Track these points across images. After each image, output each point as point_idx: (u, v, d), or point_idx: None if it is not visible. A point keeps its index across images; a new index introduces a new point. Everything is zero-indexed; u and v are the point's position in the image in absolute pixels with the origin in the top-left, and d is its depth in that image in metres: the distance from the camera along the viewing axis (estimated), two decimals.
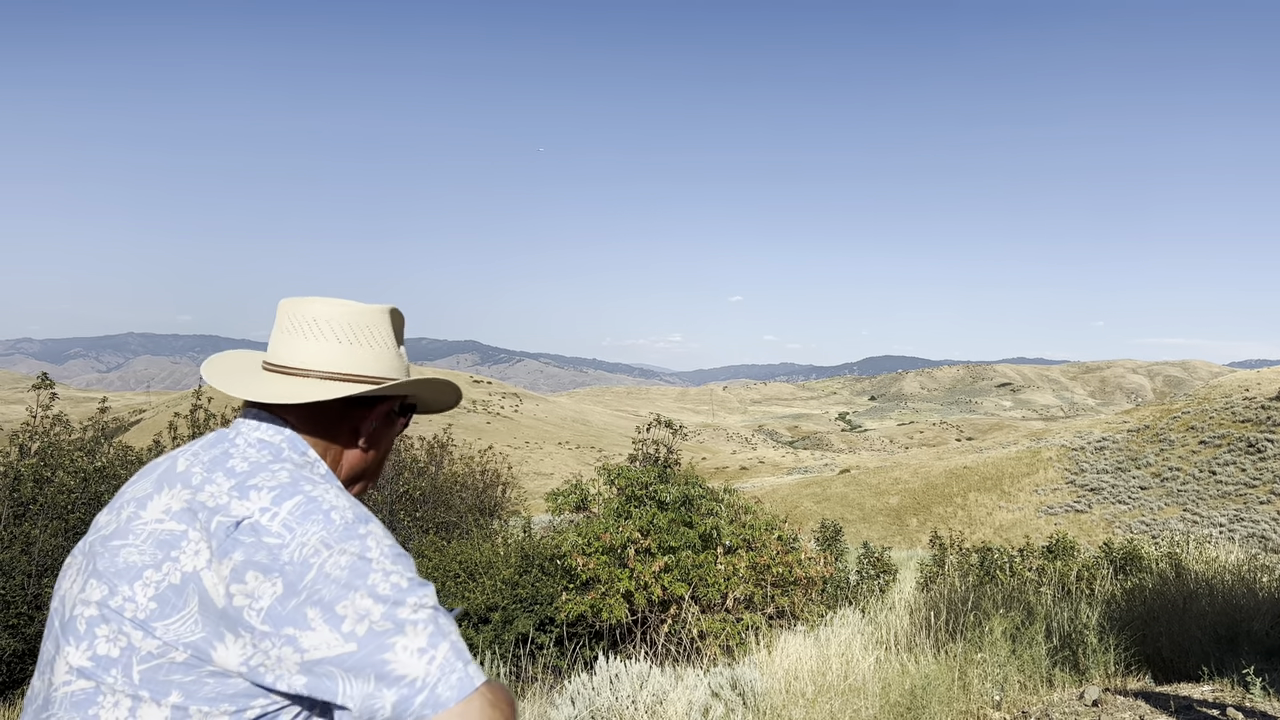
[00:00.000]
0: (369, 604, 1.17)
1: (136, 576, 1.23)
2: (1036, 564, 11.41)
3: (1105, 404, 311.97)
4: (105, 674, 1.20)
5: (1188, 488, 46.94)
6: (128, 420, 68.00)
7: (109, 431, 10.56)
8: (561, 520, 10.39)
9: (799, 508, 50.57)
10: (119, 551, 1.27)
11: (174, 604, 1.20)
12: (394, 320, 1.56)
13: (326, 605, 1.16)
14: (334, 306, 1.50)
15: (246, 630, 1.17)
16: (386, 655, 1.15)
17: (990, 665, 5.12)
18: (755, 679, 5.07)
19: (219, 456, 1.34)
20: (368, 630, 1.16)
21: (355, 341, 1.48)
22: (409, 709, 1.14)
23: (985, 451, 63.08)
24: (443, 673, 1.16)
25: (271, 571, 1.18)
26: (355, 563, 1.20)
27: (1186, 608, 5.80)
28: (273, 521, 1.22)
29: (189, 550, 1.23)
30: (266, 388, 1.42)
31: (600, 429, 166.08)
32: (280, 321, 1.51)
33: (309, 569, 1.18)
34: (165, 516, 1.27)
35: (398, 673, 1.14)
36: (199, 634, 1.18)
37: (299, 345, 1.47)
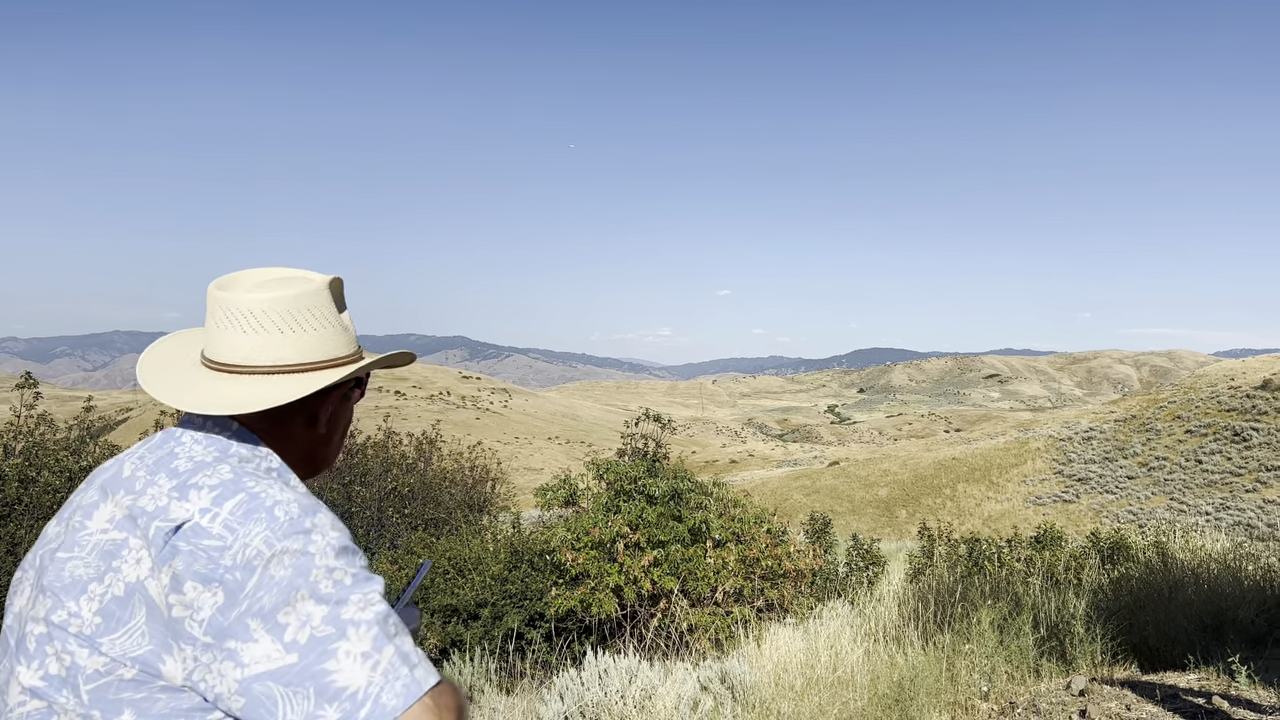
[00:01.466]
0: (310, 606, 1.11)
1: (81, 591, 1.17)
2: (1024, 554, 11.47)
3: (1092, 394, 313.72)
4: (57, 694, 1.14)
5: (1174, 477, 47.24)
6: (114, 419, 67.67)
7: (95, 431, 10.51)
8: (551, 515, 10.38)
9: (788, 500, 50.70)
10: (64, 565, 1.20)
11: (119, 617, 1.14)
12: (334, 291, 1.44)
13: (268, 614, 1.10)
14: (268, 291, 1.37)
15: (189, 643, 1.11)
16: (328, 664, 1.08)
17: (978, 656, 5.14)
18: (744, 672, 5.08)
19: (164, 457, 1.27)
20: (309, 638, 1.09)
21: (298, 328, 1.38)
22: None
23: (973, 443, 63.32)
24: (386, 680, 1.09)
25: (211, 580, 1.11)
26: (298, 560, 1.14)
27: (1173, 597, 5.84)
28: (213, 523, 1.16)
29: (130, 559, 1.16)
30: (210, 395, 1.33)
31: (590, 424, 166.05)
32: (214, 312, 1.38)
33: (251, 573, 1.11)
34: (109, 525, 1.21)
35: (339, 684, 1.07)
36: (146, 647, 1.13)
37: (239, 341, 1.36)
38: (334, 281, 1.45)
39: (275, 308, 1.36)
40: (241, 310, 1.36)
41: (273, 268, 1.47)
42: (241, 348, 1.36)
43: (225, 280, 1.41)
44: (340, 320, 1.44)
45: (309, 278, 1.44)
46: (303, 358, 1.38)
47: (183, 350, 1.47)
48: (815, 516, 20.69)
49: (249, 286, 1.40)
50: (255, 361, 1.35)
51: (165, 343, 1.50)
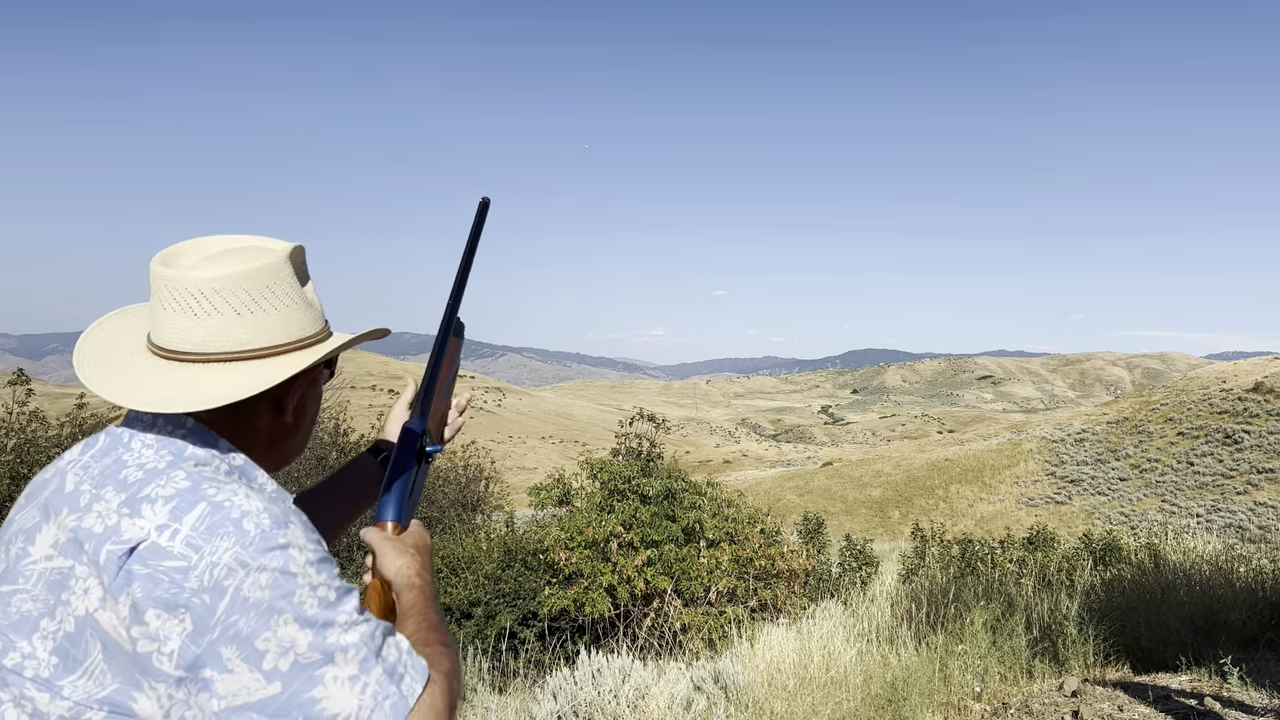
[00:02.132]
0: (294, 632, 1.00)
1: (33, 629, 1.02)
2: (1017, 555, 11.50)
3: (1085, 396, 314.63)
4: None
5: (1166, 479, 47.41)
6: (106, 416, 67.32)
7: (87, 428, 10.46)
8: (544, 515, 10.37)
9: (782, 501, 50.76)
10: (10, 599, 1.05)
11: (75, 657, 1.00)
12: (295, 262, 1.25)
13: (244, 640, 0.99)
14: (220, 267, 1.18)
15: (160, 680, 0.99)
16: (315, 692, 0.99)
17: (971, 657, 5.15)
18: (738, 672, 5.08)
19: (110, 466, 1.10)
20: (292, 665, 0.99)
21: (258, 309, 1.18)
22: None
23: (966, 444, 63.47)
24: (376, 701, 1.02)
25: (176, 607, 0.98)
26: (277, 580, 1.01)
27: (1165, 598, 5.85)
28: (173, 541, 1.01)
29: (78, 589, 1.02)
30: (163, 391, 1.14)
31: (584, 423, 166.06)
32: (158, 291, 1.18)
33: (222, 595, 0.99)
34: (53, 552, 1.05)
35: (329, 712, 0.99)
36: (111, 687, 1.00)
37: (190, 326, 1.16)
38: (295, 250, 1.26)
39: (230, 286, 1.17)
40: (192, 290, 1.16)
41: (223, 236, 1.27)
42: (194, 334, 1.17)
43: (169, 253, 1.21)
44: (304, 295, 1.26)
45: (266, 247, 1.25)
46: (265, 341, 1.19)
47: (127, 332, 1.27)
48: (808, 517, 20.71)
49: (196, 260, 1.20)
50: (211, 349, 1.17)
51: (105, 324, 1.30)
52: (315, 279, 1.34)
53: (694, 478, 9.45)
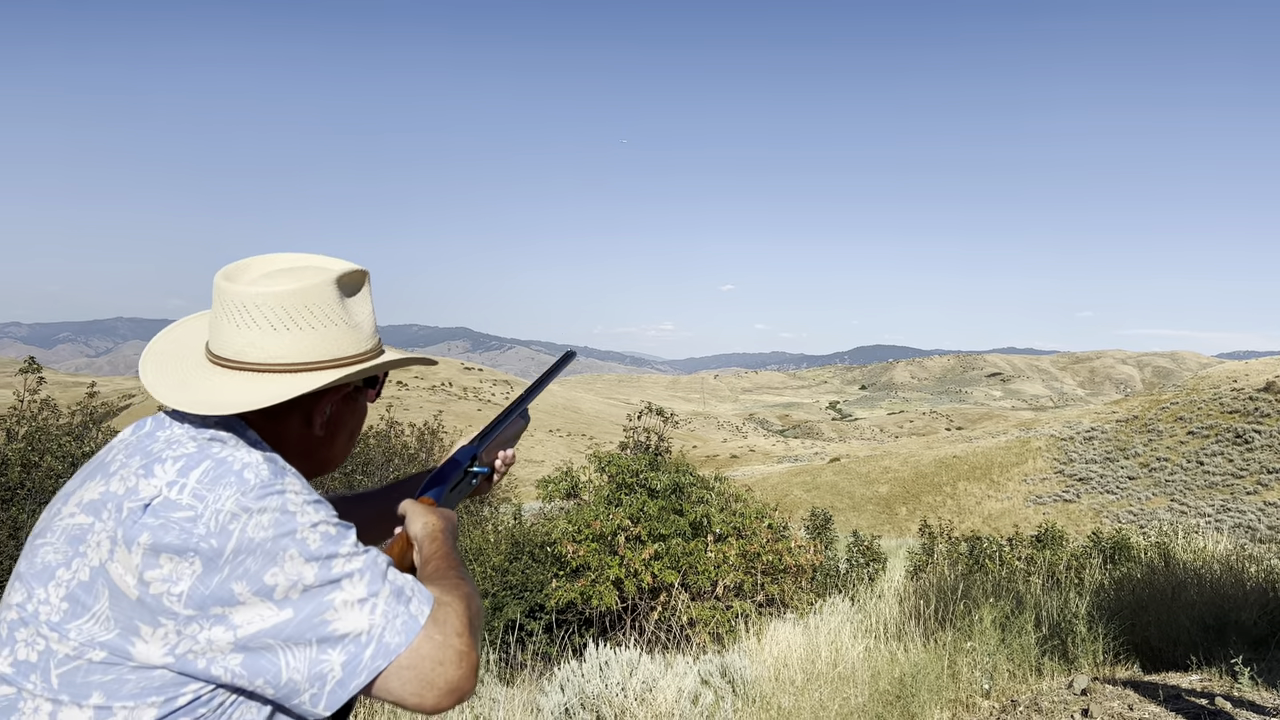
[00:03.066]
0: (300, 565, 1.10)
1: (50, 577, 1.14)
2: (1025, 553, 11.46)
3: (1094, 394, 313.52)
4: (25, 680, 1.11)
5: (1175, 478, 47.22)
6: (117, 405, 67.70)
7: (97, 416, 10.49)
8: (552, 507, 10.38)
9: (789, 496, 50.73)
10: (39, 551, 1.18)
11: (84, 602, 1.10)
12: (345, 285, 1.34)
13: (254, 576, 1.08)
14: (271, 284, 1.28)
15: (169, 618, 1.08)
16: (326, 615, 1.09)
17: (980, 654, 5.13)
18: (745, 666, 5.08)
19: (144, 440, 1.23)
20: (303, 593, 1.09)
21: (293, 326, 1.28)
22: (359, 664, 1.09)
23: (975, 441, 63.31)
24: (387, 620, 1.11)
25: (186, 551, 1.08)
26: (279, 519, 1.11)
27: (1175, 597, 5.82)
28: (181, 494, 1.11)
29: (93, 543, 1.12)
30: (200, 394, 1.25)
31: (591, 417, 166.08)
32: (215, 302, 1.31)
33: (228, 538, 1.08)
34: (78, 510, 1.17)
35: (340, 631, 1.09)
36: (112, 633, 1.09)
37: (232, 335, 1.28)
38: (349, 274, 1.35)
39: (271, 303, 1.27)
40: (238, 303, 1.27)
41: (286, 255, 1.37)
42: (235, 342, 1.28)
43: (233, 269, 1.33)
44: (348, 317, 1.34)
45: (320, 269, 1.34)
46: (296, 357, 1.29)
47: (194, 335, 1.40)
48: (816, 512, 20.69)
49: (253, 277, 1.32)
50: (246, 358, 1.28)
51: (183, 325, 1.44)
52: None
53: (701, 472, 9.44)
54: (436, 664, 1.11)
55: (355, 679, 1.09)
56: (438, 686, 1.11)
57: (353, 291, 1.36)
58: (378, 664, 1.09)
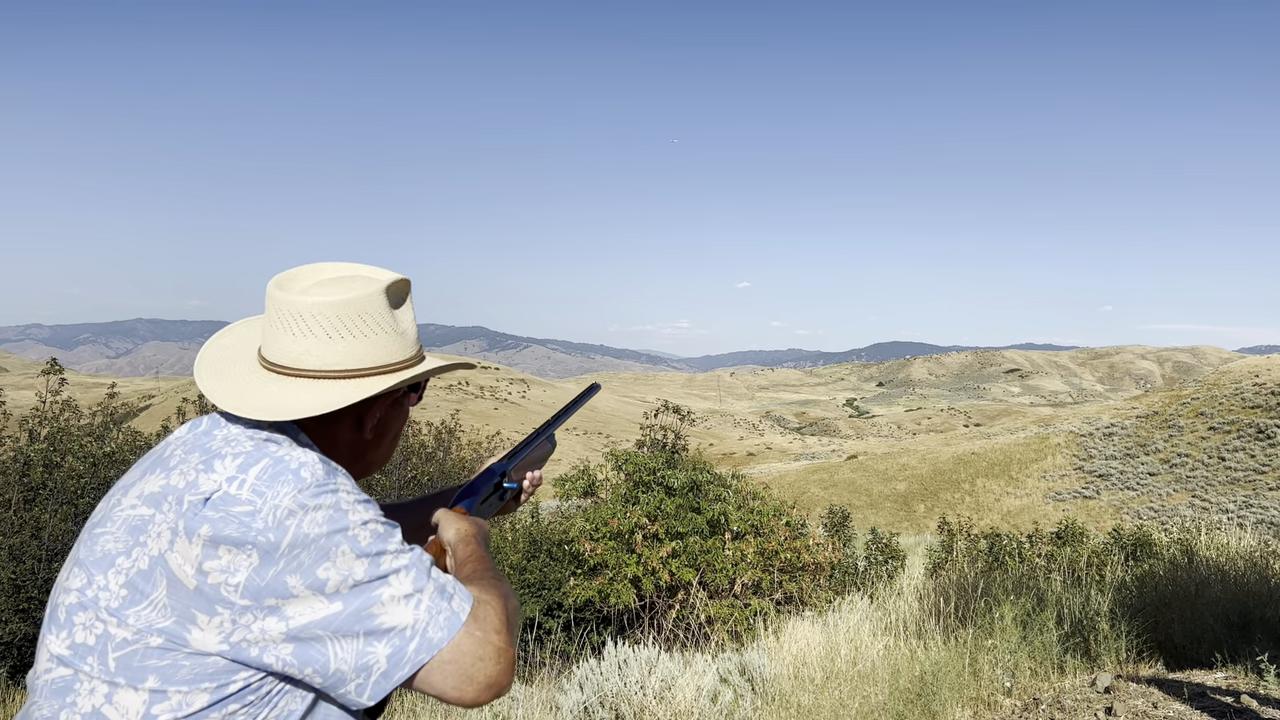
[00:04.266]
0: (350, 561, 1.16)
1: (110, 564, 1.19)
2: (1045, 550, 11.38)
3: (1114, 390, 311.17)
4: (82, 662, 1.17)
5: (1197, 474, 46.82)
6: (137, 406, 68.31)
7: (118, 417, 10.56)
8: (569, 505, 10.38)
9: (806, 494, 50.60)
10: (99, 539, 1.23)
11: (142, 590, 1.16)
12: (392, 294, 1.41)
13: (307, 570, 1.14)
14: (323, 294, 1.35)
15: (225, 607, 1.13)
16: (374, 609, 1.16)
17: (1001, 651, 5.09)
18: (764, 665, 5.06)
19: (202, 438, 1.30)
20: (353, 587, 1.15)
21: (347, 334, 1.35)
22: (403, 657, 1.15)
23: (993, 438, 62.98)
24: (431, 615, 1.17)
25: (245, 544, 1.14)
26: (332, 516, 1.18)
27: (1199, 594, 5.77)
28: (240, 489, 1.18)
29: (154, 534, 1.18)
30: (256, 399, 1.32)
31: (607, 415, 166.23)
32: (269, 311, 1.37)
33: (285, 533, 1.15)
34: (138, 502, 1.23)
35: (387, 624, 1.16)
36: (169, 620, 1.14)
37: (288, 343, 1.35)
38: (396, 283, 1.42)
39: (326, 312, 1.34)
40: (293, 312, 1.34)
41: (332, 264, 1.45)
42: (291, 350, 1.35)
43: (284, 278, 1.40)
44: (396, 325, 1.41)
45: (369, 279, 1.41)
46: (350, 364, 1.36)
47: (243, 342, 1.47)
48: (834, 510, 20.63)
49: (304, 286, 1.39)
50: (302, 365, 1.35)
51: (231, 331, 1.51)
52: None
53: (718, 470, 9.42)
54: (477, 659, 1.18)
55: (399, 671, 1.16)
56: (478, 681, 1.18)
57: (399, 301, 1.43)
58: (421, 657, 1.16)
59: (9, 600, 7.15)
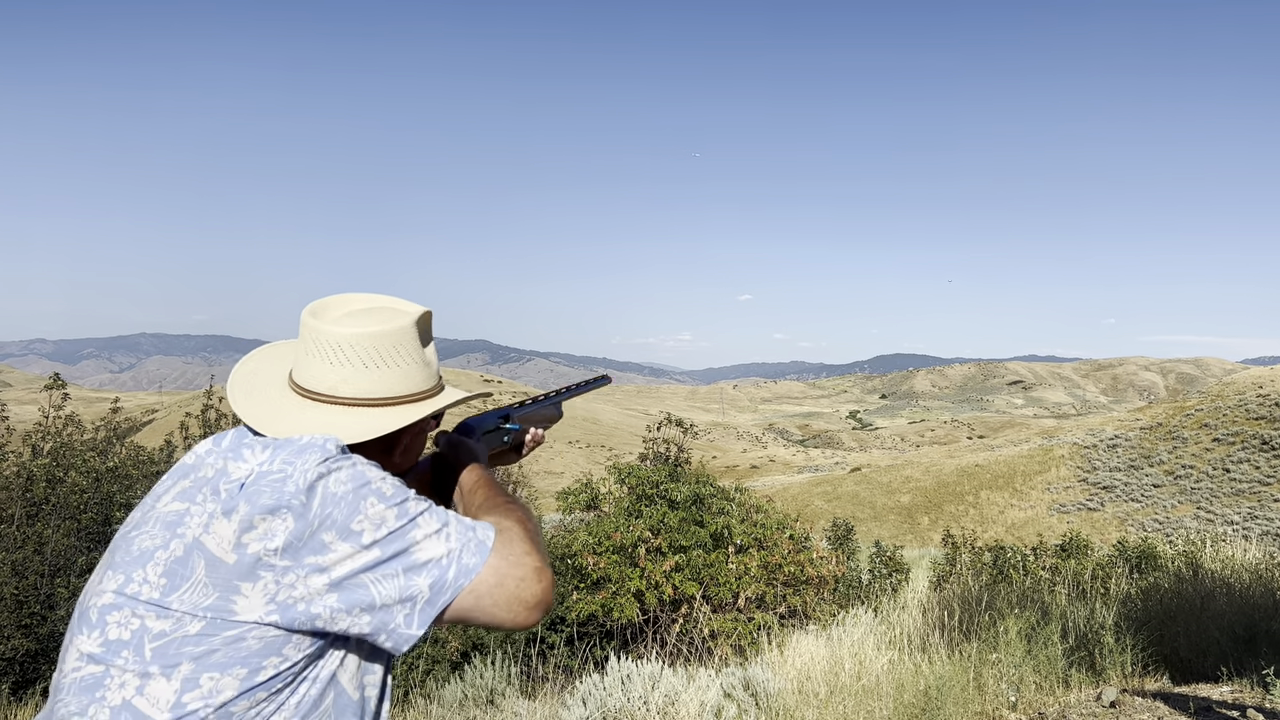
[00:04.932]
0: (380, 509, 1.25)
1: (149, 559, 1.25)
2: (1050, 563, 11.35)
3: (1118, 401, 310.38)
4: (116, 656, 1.21)
5: (1201, 485, 46.65)
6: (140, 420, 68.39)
7: (121, 432, 10.59)
8: (572, 519, 10.36)
9: (810, 506, 50.46)
10: (134, 541, 1.30)
11: (181, 574, 1.22)
12: (420, 328, 1.51)
13: (340, 525, 1.23)
14: (358, 325, 1.44)
15: (267, 570, 1.21)
16: (410, 548, 1.25)
17: (1005, 665, 5.07)
18: (768, 679, 5.04)
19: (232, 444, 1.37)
20: (386, 534, 1.24)
21: (383, 365, 1.44)
22: (444, 584, 1.25)
23: (997, 450, 62.82)
24: (461, 544, 1.27)
25: (279, 509, 1.22)
26: (354, 473, 1.27)
27: (1204, 607, 5.74)
28: (272, 464, 1.27)
29: (189, 524, 1.25)
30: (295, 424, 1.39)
31: (610, 428, 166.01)
32: (305, 339, 1.45)
33: (314, 494, 1.23)
34: (171, 500, 1.31)
35: (423, 558, 1.25)
36: (212, 597, 1.20)
37: (325, 371, 1.43)
38: (423, 316, 1.50)
39: (364, 343, 1.42)
40: (331, 342, 1.42)
41: (364, 295, 1.53)
42: (328, 378, 1.43)
43: (317, 307, 1.48)
44: (424, 356, 1.50)
45: (399, 311, 1.50)
46: (385, 392, 1.44)
47: (269, 366, 1.54)
48: (837, 523, 20.58)
49: (339, 316, 1.47)
50: (339, 393, 1.43)
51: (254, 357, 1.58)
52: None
53: (721, 482, 9.40)
54: (519, 581, 1.27)
55: (441, 596, 1.25)
56: (526, 601, 1.27)
57: (426, 332, 1.53)
58: (461, 581, 1.25)
59: (11, 616, 7.14)
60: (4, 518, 7.78)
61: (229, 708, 1.19)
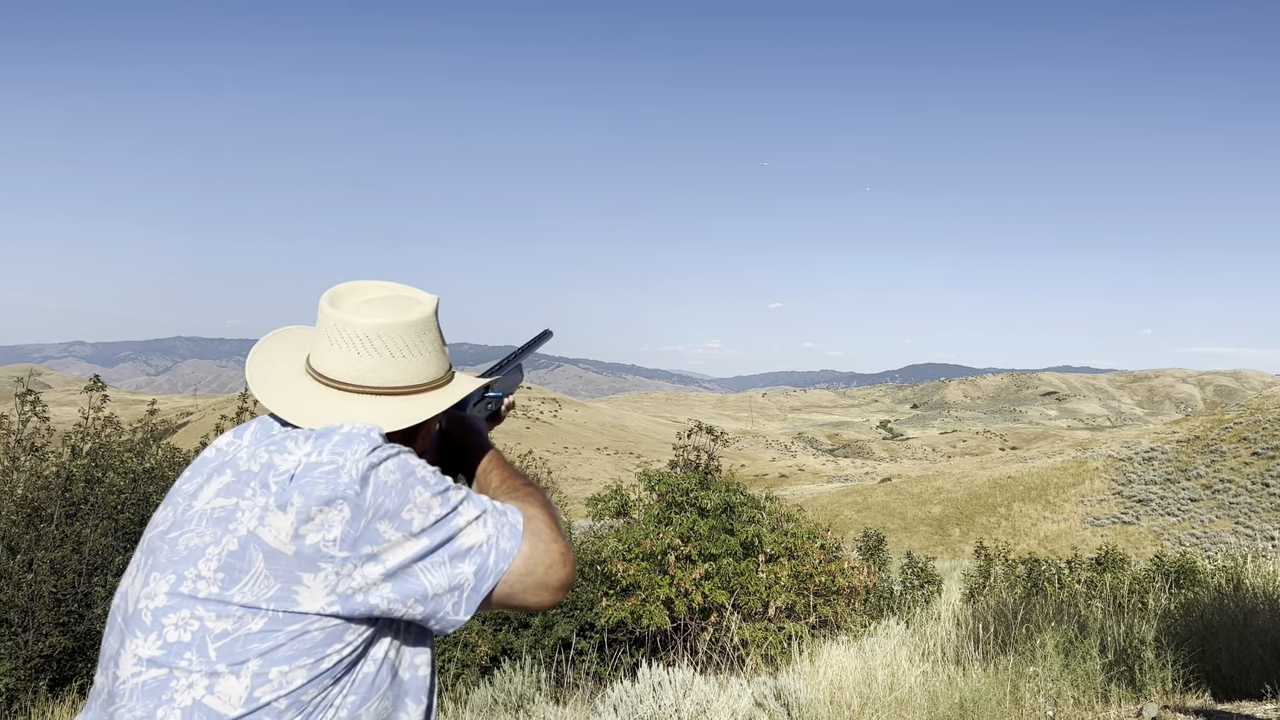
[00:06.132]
0: (426, 498, 1.29)
1: (199, 556, 1.25)
2: (1085, 576, 11.19)
3: (1154, 414, 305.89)
4: (178, 659, 1.21)
5: (1240, 500, 45.82)
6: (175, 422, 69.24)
7: (157, 433, 10.72)
8: (602, 526, 10.36)
9: (839, 516, 50.14)
10: (177, 541, 1.29)
11: (239, 568, 1.23)
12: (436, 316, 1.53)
13: (393, 514, 1.26)
14: (381, 315, 1.44)
15: (327, 562, 1.23)
16: (454, 535, 1.29)
17: (1043, 679, 4.99)
18: (799, 689, 5.00)
19: (260, 434, 1.39)
20: (433, 522, 1.28)
21: (409, 353, 1.46)
22: (486, 569, 1.30)
23: (1030, 461, 62.10)
24: (498, 529, 1.33)
25: (335, 499, 1.23)
26: (402, 463, 1.30)
27: (1247, 624, 5.63)
28: (321, 456, 1.28)
29: (240, 518, 1.26)
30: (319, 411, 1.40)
31: (639, 435, 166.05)
32: (326, 328, 1.45)
33: (366, 484, 1.25)
34: (215, 497, 1.31)
35: (466, 545, 1.30)
36: (274, 588, 1.22)
37: (352, 361, 1.43)
38: (437, 305, 1.53)
39: (390, 333, 1.44)
40: (358, 332, 1.43)
41: (378, 283, 1.53)
42: (355, 368, 1.43)
43: (334, 294, 1.48)
44: (440, 343, 1.53)
45: (416, 300, 1.51)
46: (410, 380, 1.47)
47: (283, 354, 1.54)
48: (868, 533, 20.42)
49: (358, 304, 1.47)
50: (367, 382, 1.44)
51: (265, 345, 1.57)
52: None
53: (750, 491, 9.35)
54: (547, 567, 1.34)
55: (485, 582, 1.30)
56: (553, 586, 1.34)
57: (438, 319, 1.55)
58: (501, 566, 1.31)
59: (50, 613, 7.24)
60: (43, 517, 7.90)
61: (299, 695, 1.21)
